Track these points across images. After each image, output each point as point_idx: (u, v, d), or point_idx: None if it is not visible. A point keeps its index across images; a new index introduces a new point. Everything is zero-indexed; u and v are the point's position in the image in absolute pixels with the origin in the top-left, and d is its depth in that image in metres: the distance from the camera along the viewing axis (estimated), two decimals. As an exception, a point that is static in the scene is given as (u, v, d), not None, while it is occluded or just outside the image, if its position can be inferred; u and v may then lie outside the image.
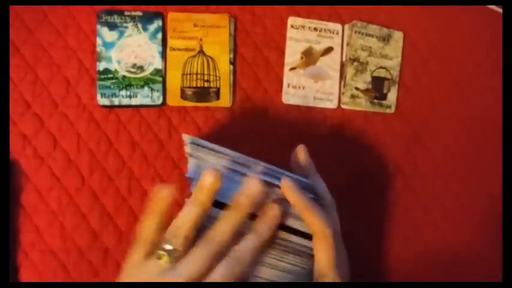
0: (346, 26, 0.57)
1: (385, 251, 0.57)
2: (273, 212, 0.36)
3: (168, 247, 0.33)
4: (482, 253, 0.61)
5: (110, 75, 0.50)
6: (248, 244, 0.34)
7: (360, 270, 0.42)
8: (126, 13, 0.51)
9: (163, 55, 0.52)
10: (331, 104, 0.56)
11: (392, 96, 0.58)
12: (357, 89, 0.57)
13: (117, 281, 0.36)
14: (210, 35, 0.52)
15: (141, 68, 0.51)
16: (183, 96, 0.52)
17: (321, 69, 0.56)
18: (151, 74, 0.51)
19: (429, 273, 0.59)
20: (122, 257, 0.49)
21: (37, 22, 0.49)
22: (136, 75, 0.51)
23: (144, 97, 0.51)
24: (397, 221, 0.58)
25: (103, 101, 0.50)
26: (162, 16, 0.52)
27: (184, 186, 0.52)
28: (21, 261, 0.47)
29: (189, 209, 0.35)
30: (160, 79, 0.51)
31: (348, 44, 0.56)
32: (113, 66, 0.50)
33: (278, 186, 0.37)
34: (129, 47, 0.51)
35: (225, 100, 0.53)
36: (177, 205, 0.52)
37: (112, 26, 0.50)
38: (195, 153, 0.38)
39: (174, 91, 0.52)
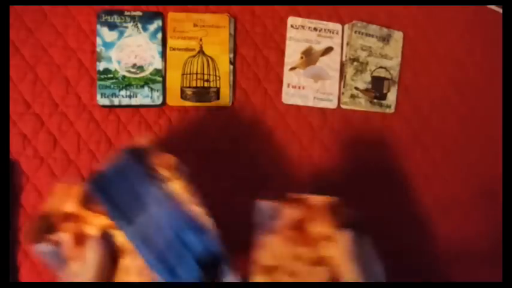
0: (346, 26, 0.57)
1: (384, 251, 0.57)
2: None
3: None
4: (482, 253, 0.61)
5: (110, 75, 0.50)
6: None
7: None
8: (126, 13, 0.51)
9: (163, 55, 0.51)
10: (331, 104, 0.56)
11: (392, 96, 0.58)
12: (356, 88, 0.57)
13: None
14: (210, 35, 0.52)
15: (141, 68, 0.51)
16: (183, 96, 0.52)
17: (320, 69, 0.56)
18: (151, 74, 0.51)
19: (429, 272, 0.59)
20: (122, 257, 0.49)
21: (37, 22, 0.49)
22: (136, 75, 0.51)
23: (144, 97, 0.51)
24: (396, 221, 0.58)
25: (103, 101, 0.50)
26: (162, 16, 0.52)
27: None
28: (21, 261, 0.47)
29: None
30: (160, 79, 0.51)
31: (347, 44, 0.56)
32: (113, 66, 0.50)
33: None
34: (129, 47, 0.51)
35: (225, 100, 0.53)
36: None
37: (112, 26, 0.50)
38: None
39: (174, 91, 0.52)
